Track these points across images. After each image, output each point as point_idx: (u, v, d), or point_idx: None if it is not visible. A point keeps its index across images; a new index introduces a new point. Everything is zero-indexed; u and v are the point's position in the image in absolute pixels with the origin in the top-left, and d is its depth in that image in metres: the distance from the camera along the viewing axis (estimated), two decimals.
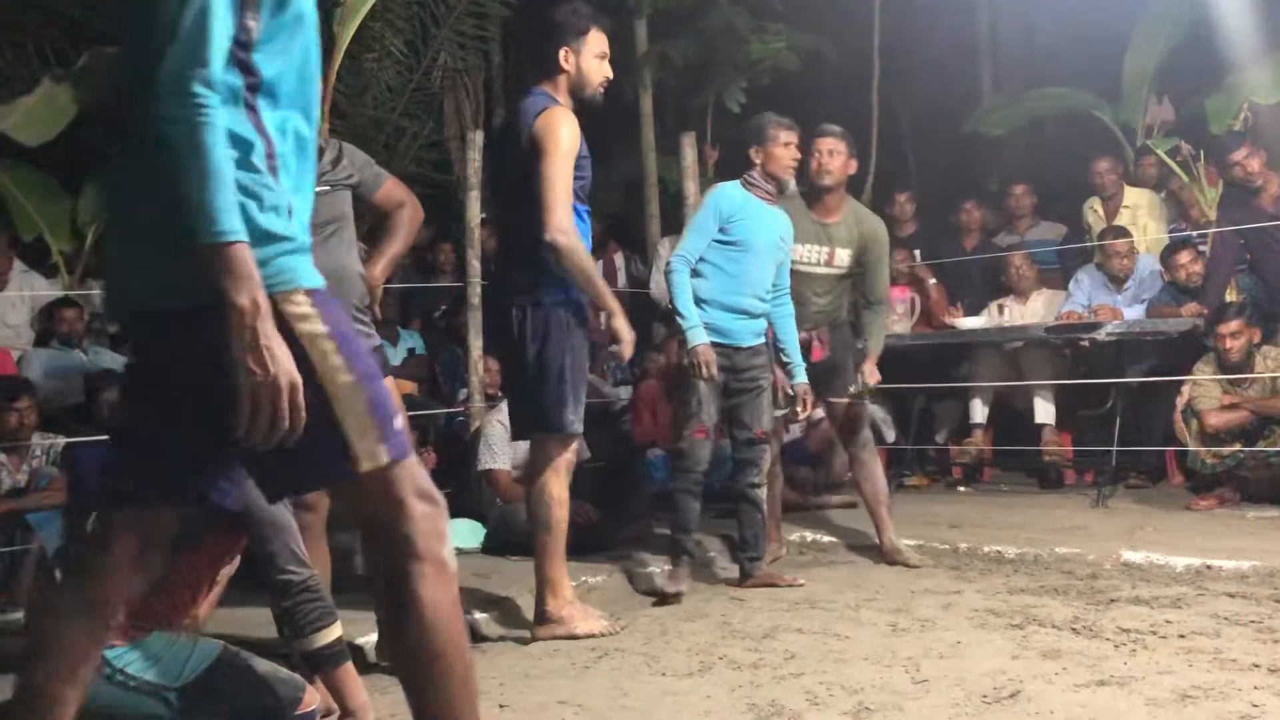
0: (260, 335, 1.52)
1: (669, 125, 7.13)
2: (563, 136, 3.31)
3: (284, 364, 1.53)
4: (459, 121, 7.86)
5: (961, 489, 6.23)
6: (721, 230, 4.10)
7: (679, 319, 4.05)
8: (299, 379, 1.55)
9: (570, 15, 3.43)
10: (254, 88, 1.63)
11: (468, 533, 4.81)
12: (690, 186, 5.84)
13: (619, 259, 7.37)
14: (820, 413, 4.88)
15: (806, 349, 4.55)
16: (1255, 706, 2.51)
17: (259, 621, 3.01)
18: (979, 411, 6.19)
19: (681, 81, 7.49)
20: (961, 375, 6.18)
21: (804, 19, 7.58)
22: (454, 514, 4.03)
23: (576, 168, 3.36)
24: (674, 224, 6.57)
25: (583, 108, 3.52)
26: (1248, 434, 5.01)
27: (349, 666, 2.60)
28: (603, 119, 8.06)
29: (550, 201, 3.28)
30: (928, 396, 6.30)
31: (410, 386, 5.97)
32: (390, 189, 3.34)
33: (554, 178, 3.28)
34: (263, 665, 2.52)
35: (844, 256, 4.52)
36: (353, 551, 3.89)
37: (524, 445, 5.06)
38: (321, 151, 3.06)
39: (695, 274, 4.11)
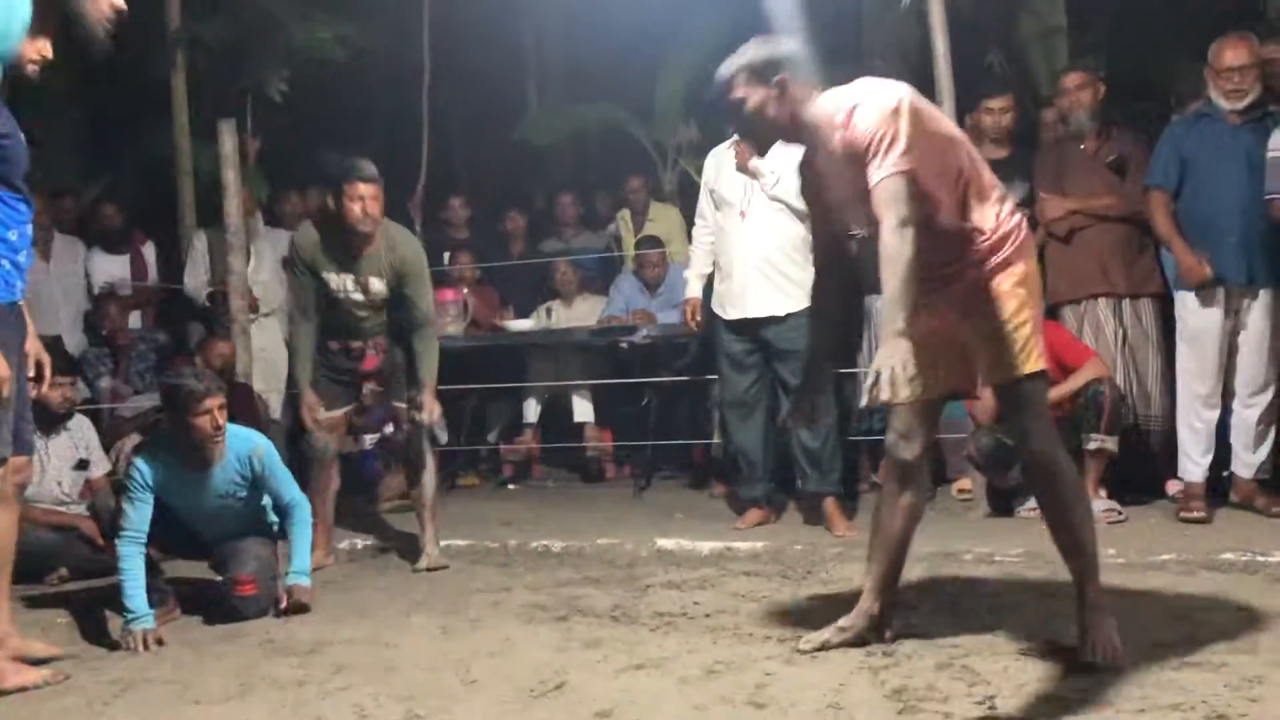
0: None
1: (207, 109, 6.64)
2: None
3: None
4: None
5: (511, 486, 6.39)
6: None
7: None
8: None
9: None
10: None
11: None
12: (229, 175, 5.48)
13: (149, 251, 6.74)
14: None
15: (361, 356, 4.47)
16: (768, 675, 2.77)
17: None
18: (531, 411, 6.39)
19: (219, 65, 7.02)
20: (512, 376, 6.34)
21: (352, 10, 7.39)
22: None
23: None
24: (208, 215, 6.14)
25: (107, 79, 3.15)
26: None
27: None
28: (130, 98, 7.37)
29: None
30: (480, 397, 6.39)
31: None
32: None
33: None
34: None
35: (378, 285, 4.35)
36: None
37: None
38: None
39: None
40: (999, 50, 6.79)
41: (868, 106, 2.59)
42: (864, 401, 2.49)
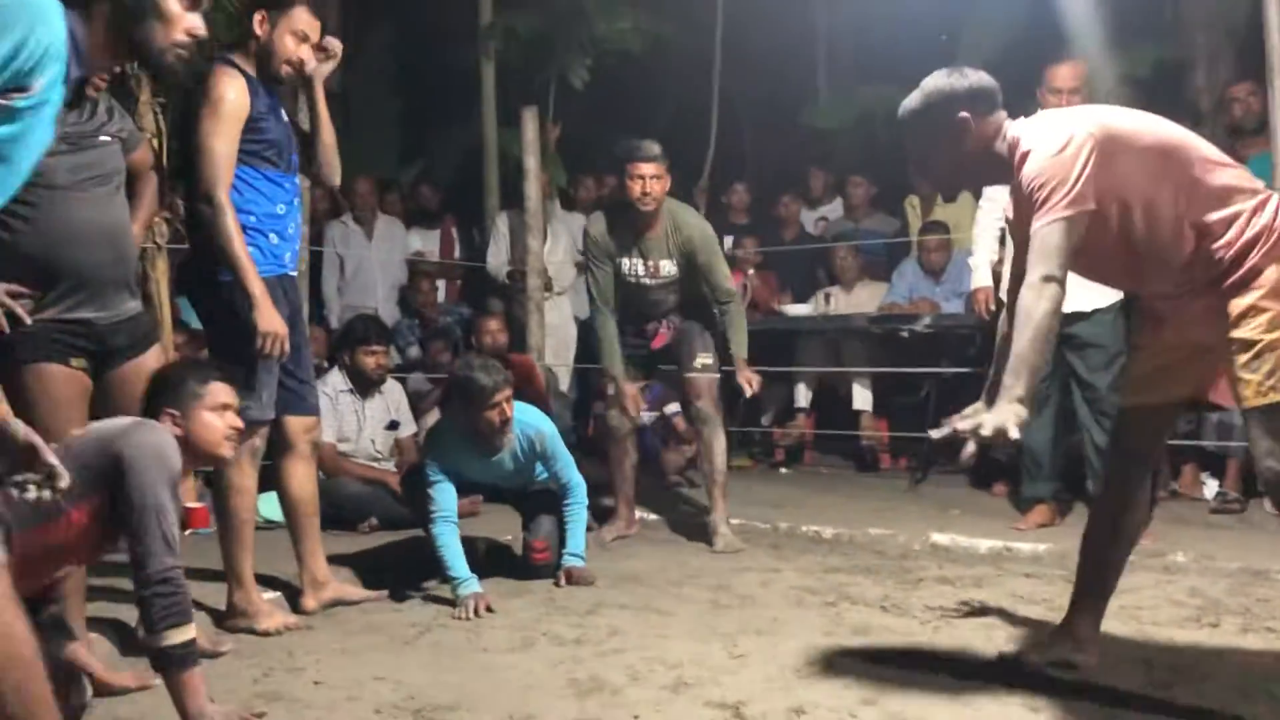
0: None
1: (512, 97, 7.05)
2: (221, 96, 3.10)
3: None
4: None
5: (783, 470, 6.42)
6: None
7: None
8: None
9: None
10: None
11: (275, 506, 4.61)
12: (530, 160, 5.79)
13: (455, 230, 7.27)
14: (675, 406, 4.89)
15: (653, 335, 4.62)
16: (1048, 680, 2.67)
17: None
18: (802, 396, 6.39)
19: (527, 54, 7.43)
20: (787, 360, 6.35)
21: (649, 2, 7.62)
22: (268, 487, 3.91)
23: (251, 130, 3.16)
24: (513, 197, 6.51)
25: (432, 71, 3.41)
26: None
27: (196, 672, 2.34)
28: (443, 87, 7.90)
29: (202, 167, 3.09)
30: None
31: None
32: (145, 151, 3.22)
33: (207, 141, 3.09)
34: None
35: (668, 266, 4.51)
36: None
37: (349, 416, 4.93)
38: (95, 103, 2.89)
39: None
40: None
41: (1037, 152, 2.39)
42: (940, 432, 2.32)
